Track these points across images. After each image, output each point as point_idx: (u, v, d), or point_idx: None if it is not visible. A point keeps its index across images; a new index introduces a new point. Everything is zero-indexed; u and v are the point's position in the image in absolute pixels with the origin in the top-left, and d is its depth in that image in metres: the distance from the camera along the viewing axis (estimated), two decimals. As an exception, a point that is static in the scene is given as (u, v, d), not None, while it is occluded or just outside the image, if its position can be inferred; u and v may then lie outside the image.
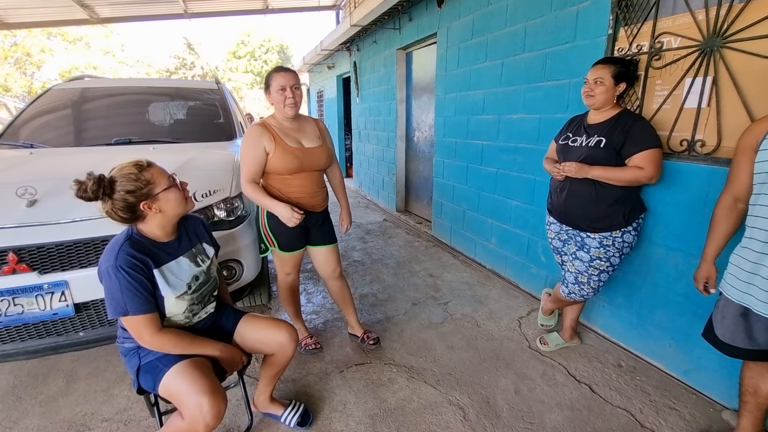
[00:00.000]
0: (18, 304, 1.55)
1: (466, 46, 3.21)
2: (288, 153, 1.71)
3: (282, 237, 1.84)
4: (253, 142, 1.69)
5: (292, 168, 1.73)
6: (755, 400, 1.32)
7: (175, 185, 1.22)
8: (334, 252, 2.03)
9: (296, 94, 1.71)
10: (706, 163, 1.65)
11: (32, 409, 1.71)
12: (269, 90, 1.72)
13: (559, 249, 1.99)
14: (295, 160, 1.73)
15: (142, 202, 1.14)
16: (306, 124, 1.86)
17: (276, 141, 1.70)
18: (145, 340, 1.16)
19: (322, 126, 1.94)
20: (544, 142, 2.43)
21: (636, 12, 1.86)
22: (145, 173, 1.15)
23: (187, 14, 7.01)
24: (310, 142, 1.81)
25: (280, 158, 1.70)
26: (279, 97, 1.69)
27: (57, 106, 2.76)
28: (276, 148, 1.70)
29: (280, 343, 1.42)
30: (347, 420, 1.65)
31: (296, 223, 1.68)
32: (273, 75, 1.71)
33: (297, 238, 1.88)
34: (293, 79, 1.71)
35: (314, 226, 1.92)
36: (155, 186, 1.15)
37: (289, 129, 1.77)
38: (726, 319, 1.29)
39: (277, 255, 1.92)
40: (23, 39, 14.04)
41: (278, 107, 1.72)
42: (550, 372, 1.94)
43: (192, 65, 21.87)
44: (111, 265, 1.11)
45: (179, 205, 1.21)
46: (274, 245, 1.87)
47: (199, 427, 1.11)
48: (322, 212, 1.95)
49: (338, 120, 7.71)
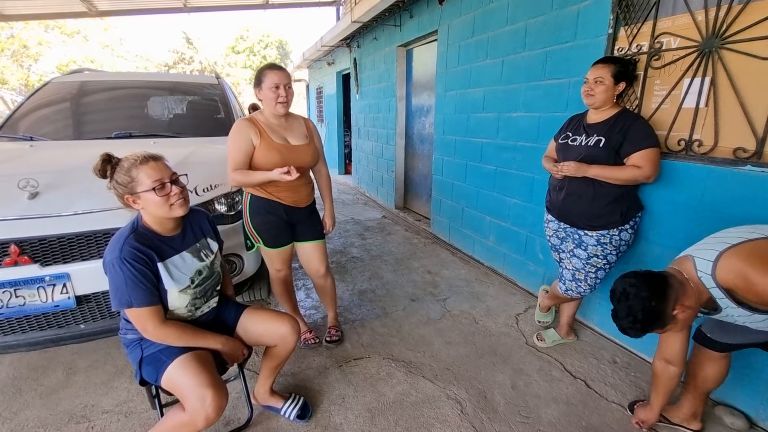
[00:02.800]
0: (20, 296, 1.56)
1: (466, 43, 3.22)
2: (272, 149, 1.71)
3: (266, 234, 1.84)
4: (240, 135, 1.70)
5: (275, 164, 1.71)
6: (693, 382, 1.52)
7: (155, 191, 1.15)
8: (320, 249, 2.00)
9: (288, 93, 1.71)
10: (703, 163, 1.67)
11: (32, 400, 1.72)
12: (261, 86, 1.71)
13: (557, 246, 2.01)
14: (278, 155, 1.72)
15: (125, 195, 1.17)
16: (294, 122, 1.86)
17: (262, 136, 1.71)
18: (149, 332, 1.17)
19: (311, 125, 1.94)
20: (544, 141, 2.44)
21: (636, 12, 1.88)
22: (134, 170, 1.16)
23: (187, 8, 6.98)
24: (296, 139, 1.81)
25: (263, 153, 1.70)
26: (271, 95, 1.69)
27: (56, 99, 2.75)
28: (261, 143, 1.70)
29: (282, 334, 1.44)
30: (346, 413, 1.67)
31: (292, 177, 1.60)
32: (266, 72, 1.70)
33: (283, 234, 1.87)
34: (286, 78, 1.71)
35: (299, 222, 1.92)
36: (138, 184, 1.16)
37: (276, 126, 1.77)
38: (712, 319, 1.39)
39: (265, 252, 1.92)
40: (20, 31, 13.91)
41: (269, 104, 1.72)
42: (547, 367, 1.96)
43: (191, 60, 21.74)
44: (116, 257, 1.12)
45: (158, 209, 1.19)
46: (260, 242, 1.87)
47: (199, 419, 1.12)
48: (307, 208, 1.93)
49: (338, 117, 7.70)
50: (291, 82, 1.74)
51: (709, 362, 1.47)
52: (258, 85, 1.73)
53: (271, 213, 1.82)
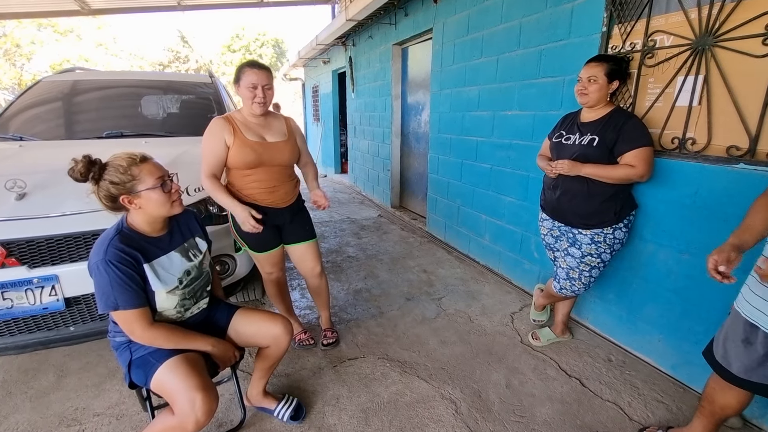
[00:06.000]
0: (7, 299, 1.53)
1: (461, 42, 3.21)
2: (246, 146, 1.66)
3: (250, 238, 1.78)
4: (212, 135, 1.65)
5: (250, 162, 1.67)
6: (710, 407, 1.33)
7: (161, 187, 1.17)
8: (312, 249, 1.95)
9: (267, 93, 1.66)
10: (696, 161, 1.67)
11: (22, 404, 1.70)
12: (239, 83, 1.67)
13: (552, 245, 2.01)
14: (253, 153, 1.67)
15: (122, 195, 1.14)
16: (274, 121, 1.81)
17: (236, 134, 1.66)
18: (137, 334, 1.16)
19: (292, 124, 1.88)
20: (538, 139, 2.44)
21: (630, 10, 1.87)
22: (134, 168, 1.14)
23: (181, 6, 6.92)
24: (273, 137, 1.76)
25: (237, 151, 1.66)
26: (248, 94, 1.64)
27: (47, 98, 2.72)
28: (235, 141, 1.65)
29: (274, 335, 1.42)
30: (340, 414, 1.66)
31: (252, 229, 1.62)
32: (245, 69, 1.65)
33: (270, 238, 1.83)
34: (266, 78, 1.65)
35: (285, 223, 1.87)
36: (139, 183, 1.14)
37: (253, 124, 1.73)
38: (728, 341, 1.20)
39: (254, 256, 1.89)
40: (12, 30, 13.78)
41: (246, 103, 1.68)
42: (542, 366, 1.96)
43: (186, 59, 21.61)
44: (100, 259, 1.10)
45: (160, 207, 1.18)
46: (245, 246, 1.84)
47: (189, 423, 1.11)
48: (291, 208, 1.86)
49: (333, 115, 7.67)
50: (271, 81, 1.69)
51: (731, 389, 1.24)
52: (236, 82, 1.68)
53: None
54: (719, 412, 1.31)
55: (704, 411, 1.35)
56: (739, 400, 1.26)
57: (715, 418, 1.33)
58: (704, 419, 1.36)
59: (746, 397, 1.25)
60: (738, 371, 1.18)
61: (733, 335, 1.19)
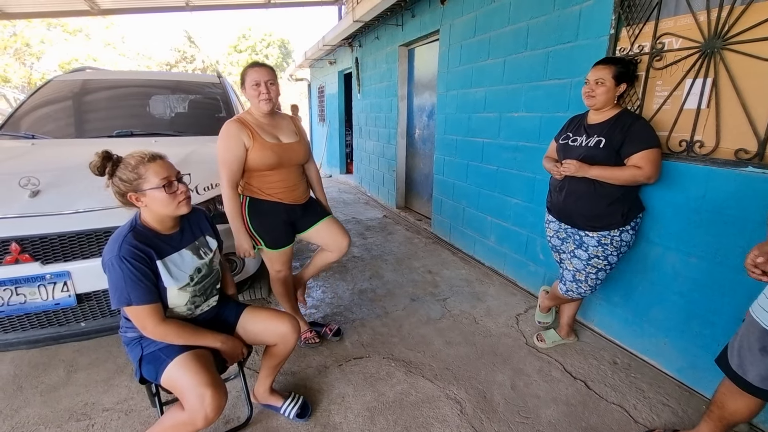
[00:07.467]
0: (20, 294, 1.56)
1: (468, 43, 3.21)
2: (266, 149, 1.70)
3: (267, 236, 1.83)
4: (232, 139, 1.65)
5: (271, 164, 1.71)
6: (719, 412, 1.31)
7: (164, 188, 1.18)
8: (335, 222, 2.01)
9: (271, 89, 1.68)
10: (704, 164, 1.67)
11: (33, 398, 1.72)
12: (244, 85, 1.71)
13: (558, 247, 2.01)
14: (274, 156, 1.71)
15: (129, 192, 1.17)
16: (282, 120, 1.85)
17: (254, 137, 1.68)
18: (149, 330, 1.18)
19: (298, 123, 1.94)
20: (545, 141, 2.44)
21: (638, 12, 1.87)
22: (141, 167, 1.16)
23: (189, 7, 6.98)
24: (287, 137, 1.80)
25: (258, 154, 1.69)
26: (253, 92, 1.68)
27: (58, 97, 2.76)
28: (254, 144, 1.68)
29: (282, 333, 1.44)
30: (346, 412, 1.67)
31: (247, 255, 1.79)
32: (247, 70, 1.70)
33: (283, 235, 1.87)
34: (268, 74, 1.68)
35: (299, 217, 1.92)
36: (144, 182, 1.16)
37: (266, 125, 1.76)
38: (744, 349, 1.18)
39: (266, 253, 1.91)
40: (23, 29, 13.96)
41: (253, 102, 1.72)
42: (547, 368, 1.96)
43: (192, 58, 21.76)
44: (114, 255, 1.12)
45: (164, 207, 1.20)
46: (261, 244, 1.87)
47: (199, 418, 1.12)
48: (305, 203, 1.93)
49: (339, 116, 7.70)
50: (275, 78, 1.72)
51: (743, 396, 1.22)
52: (242, 85, 1.73)
53: (271, 214, 1.81)
54: (728, 417, 1.29)
55: (713, 415, 1.34)
56: (750, 408, 1.23)
57: (724, 423, 1.31)
58: (712, 423, 1.34)
59: (758, 405, 1.22)
60: (754, 380, 1.16)
61: (749, 343, 1.18)
